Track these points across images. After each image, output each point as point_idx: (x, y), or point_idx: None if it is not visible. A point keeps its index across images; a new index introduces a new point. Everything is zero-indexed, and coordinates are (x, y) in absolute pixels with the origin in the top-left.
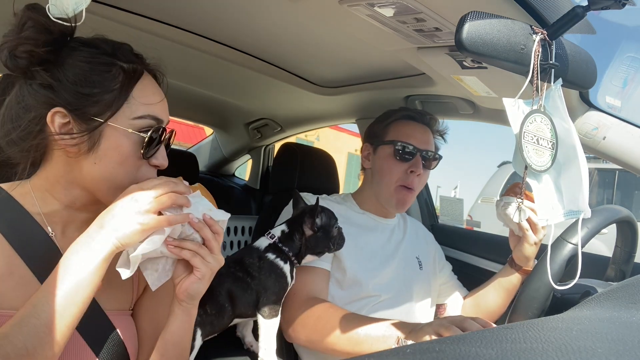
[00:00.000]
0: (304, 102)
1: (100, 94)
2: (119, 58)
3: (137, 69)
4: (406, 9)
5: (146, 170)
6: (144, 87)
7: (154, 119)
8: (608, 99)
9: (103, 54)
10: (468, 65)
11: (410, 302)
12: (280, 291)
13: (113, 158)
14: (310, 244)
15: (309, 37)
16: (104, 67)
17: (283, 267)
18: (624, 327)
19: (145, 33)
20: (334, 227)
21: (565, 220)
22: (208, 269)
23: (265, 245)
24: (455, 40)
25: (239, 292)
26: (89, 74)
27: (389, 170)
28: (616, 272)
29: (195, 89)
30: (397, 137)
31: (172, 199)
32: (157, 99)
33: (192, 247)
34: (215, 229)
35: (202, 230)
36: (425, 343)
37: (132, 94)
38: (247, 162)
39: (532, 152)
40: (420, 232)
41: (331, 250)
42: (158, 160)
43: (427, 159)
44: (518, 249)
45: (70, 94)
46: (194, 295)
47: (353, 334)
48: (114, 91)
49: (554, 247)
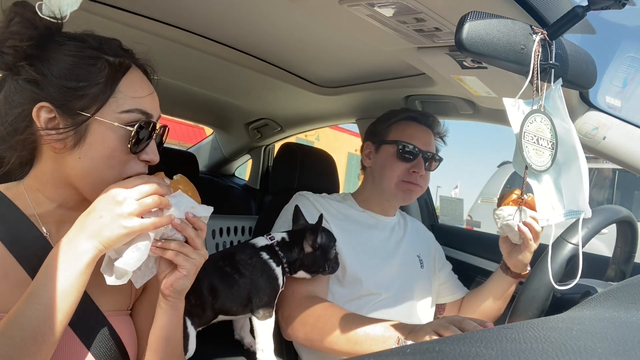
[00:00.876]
0: (304, 102)
1: (85, 88)
2: (105, 52)
3: (123, 63)
4: (406, 9)
5: (135, 165)
6: (132, 81)
7: (142, 112)
8: (608, 99)
9: (89, 48)
10: (468, 65)
11: (411, 300)
12: (272, 292)
13: (99, 152)
14: (307, 261)
15: (309, 37)
16: (89, 60)
17: (275, 269)
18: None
19: (145, 33)
20: (332, 249)
21: (566, 220)
22: (192, 265)
23: (261, 245)
24: (455, 40)
25: (223, 287)
26: (74, 68)
27: (390, 168)
28: (616, 272)
29: (196, 89)
30: (400, 138)
31: (156, 202)
32: (145, 93)
33: (175, 247)
34: (198, 225)
35: (185, 230)
36: (425, 343)
37: (118, 87)
38: (247, 162)
39: (532, 152)
40: (421, 231)
41: (325, 273)
42: (148, 155)
43: (428, 160)
44: (515, 257)
45: (56, 89)
46: (179, 291)
47: (352, 334)
48: (99, 84)
49: (554, 247)
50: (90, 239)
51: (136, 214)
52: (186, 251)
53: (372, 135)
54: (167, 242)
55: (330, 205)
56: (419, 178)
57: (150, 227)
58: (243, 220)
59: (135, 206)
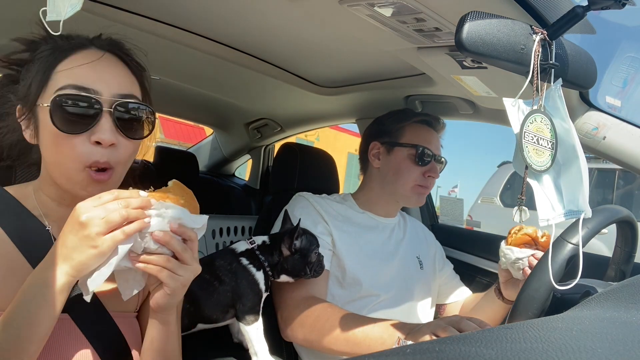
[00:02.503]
0: (304, 102)
1: (31, 75)
2: (56, 40)
3: (64, 45)
4: (406, 9)
5: (84, 148)
6: (74, 59)
7: (77, 87)
8: (608, 99)
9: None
10: (468, 65)
11: (410, 301)
12: (255, 297)
13: (45, 138)
14: (287, 265)
15: (309, 37)
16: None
17: (255, 274)
18: (624, 327)
19: (145, 33)
20: (312, 252)
21: (566, 220)
22: (178, 283)
23: (241, 250)
24: (455, 40)
25: (202, 295)
26: (31, 62)
27: (407, 171)
28: (616, 272)
29: (196, 89)
30: (417, 142)
31: (122, 216)
32: (85, 71)
33: (158, 262)
34: (187, 236)
35: (169, 244)
36: (425, 343)
37: (57, 68)
38: (247, 162)
39: (533, 152)
40: (421, 231)
41: (307, 276)
42: (96, 135)
43: (439, 164)
44: (510, 288)
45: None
46: (165, 308)
47: (351, 334)
48: (39, 70)
49: (554, 247)
50: (61, 265)
51: (103, 232)
52: (171, 267)
53: (380, 135)
54: (149, 257)
55: (330, 206)
56: (431, 181)
57: (122, 236)
58: (243, 220)
59: (102, 225)
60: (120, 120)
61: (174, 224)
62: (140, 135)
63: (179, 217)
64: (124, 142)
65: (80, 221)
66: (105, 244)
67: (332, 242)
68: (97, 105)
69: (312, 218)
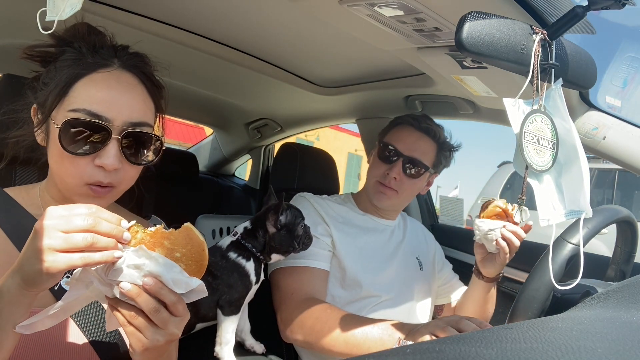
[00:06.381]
0: (304, 102)
1: (50, 85)
2: (81, 48)
3: (88, 59)
4: (406, 9)
5: (87, 169)
6: (93, 80)
7: (90, 113)
8: (608, 99)
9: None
10: (468, 65)
11: (411, 302)
12: (243, 289)
13: (52, 150)
14: (275, 242)
15: (309, 37)
16: (63, 58)
17: (245, 265)
18: (624, 327)
19: (145, 33)
20: (299, 226)
21: (566, 220)
22: (140, 344)
23: (227, 244)
24: (455, 40)
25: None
26: (52, 69)
27: (372, 167)
28: (616, 272)
29: (195, 89)
30: (388, 140)
31: (88, 242)
32: (101, 95)
33: (124, 314)
34: (164, 299)
35: (136, 301)
36: (425, 343)
37: (75, 86)
38: (247, 162)
39: (533, 152)
40: (420, 232)
41: (296, 250)
42: (101, 159)
43: (410, 165)
44: (487, 264)
45: (40, 90)
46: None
47: (351, 335)
48: (59, 83)
49: (554, 247)
50: (13, 274)
51: (60, 249)
52: (138, 324)
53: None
54: (119, 303)
55: (330, 207)
56: (393, 181)
57: (79, 262)
58: (243, 220)
59: (59, 240)
60: (127, 148)
61: (148, 280)
62: (145, 160)
63: (158, 273)
64: (128, 166)
65: (36, 228)
66: (56, 263)
67: (332, 243)
68: (106, 132)
69: (312, 219)
